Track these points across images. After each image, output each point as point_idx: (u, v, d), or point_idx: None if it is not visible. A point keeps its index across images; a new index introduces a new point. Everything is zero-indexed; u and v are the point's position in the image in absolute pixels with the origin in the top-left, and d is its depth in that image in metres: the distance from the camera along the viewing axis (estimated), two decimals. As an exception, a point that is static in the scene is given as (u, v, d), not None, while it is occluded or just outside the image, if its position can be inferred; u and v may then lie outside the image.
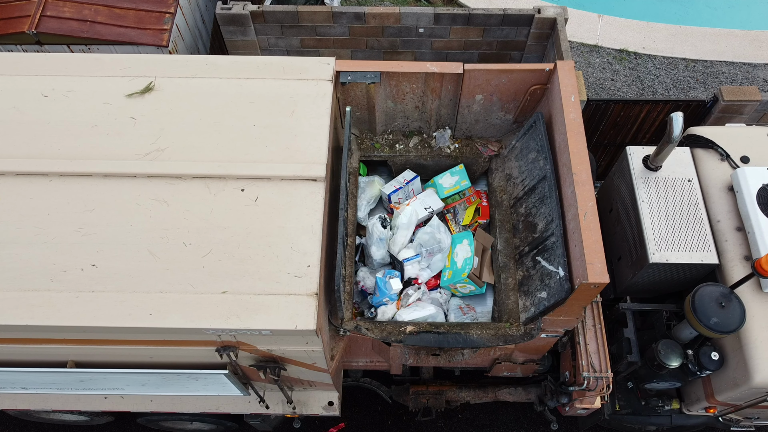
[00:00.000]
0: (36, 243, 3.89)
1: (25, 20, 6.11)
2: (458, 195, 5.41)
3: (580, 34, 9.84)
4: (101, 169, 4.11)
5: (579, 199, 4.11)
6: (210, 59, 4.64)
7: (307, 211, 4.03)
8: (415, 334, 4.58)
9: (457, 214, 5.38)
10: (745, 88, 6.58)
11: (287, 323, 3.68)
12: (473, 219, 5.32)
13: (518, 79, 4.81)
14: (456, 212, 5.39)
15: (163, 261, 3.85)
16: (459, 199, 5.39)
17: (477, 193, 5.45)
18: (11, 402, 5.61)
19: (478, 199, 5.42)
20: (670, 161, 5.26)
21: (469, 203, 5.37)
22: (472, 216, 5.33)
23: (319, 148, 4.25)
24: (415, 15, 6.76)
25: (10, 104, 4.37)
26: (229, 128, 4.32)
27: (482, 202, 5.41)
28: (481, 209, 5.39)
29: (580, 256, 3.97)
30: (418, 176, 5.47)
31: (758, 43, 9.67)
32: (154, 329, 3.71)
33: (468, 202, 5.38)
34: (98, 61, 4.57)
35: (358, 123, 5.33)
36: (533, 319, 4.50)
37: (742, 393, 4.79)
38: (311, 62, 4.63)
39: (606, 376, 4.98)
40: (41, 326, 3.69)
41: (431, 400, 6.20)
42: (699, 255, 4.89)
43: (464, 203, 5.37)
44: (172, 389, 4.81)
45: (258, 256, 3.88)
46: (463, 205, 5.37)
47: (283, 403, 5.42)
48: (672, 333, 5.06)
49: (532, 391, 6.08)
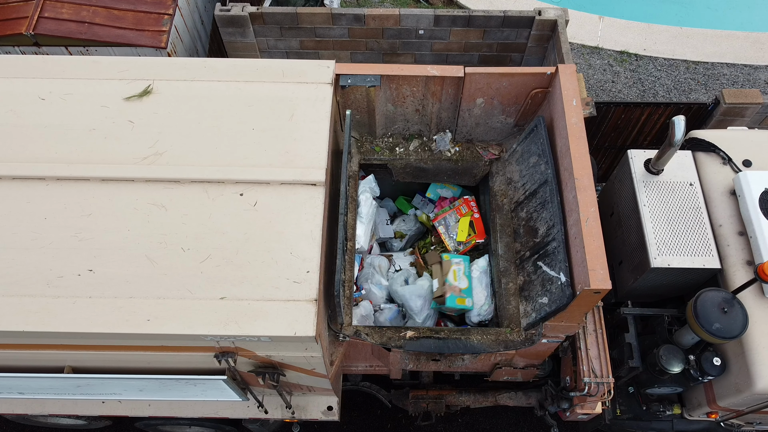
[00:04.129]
0: (32, 248, 3.85)
1: (22, 22, 6.08)
2: (448, 206, 5.36)
3: (581, 35, 9.82)
4: (99, 173, 4.08)
5: (581, 204, 4.08)
6: (209, 62, 4.60)
7: (306, 216, 3.99)
8: (415, 340, 4.55)
9: (449, 227, 5.32)
10: (746, 91, 6.55)
11: (286, 330, 3.65)
12: (468, 236, 5.26)
13: (519, 83, 4.78)
14: (448, 224, 5.33)
15: (161, 266, 3.81)
16: (449, 210, 5.34)
17: (466, 202, 5.40)
18: (9, 407, 5.57)
19: (470, 210, 5.35)
20: (671, 165, 5.22)
21: (460, 214, 5.30)
22: (467, 232, 5.26)
23: (319, 152, 4.21)
24: (415, 17, 6.73)
25: (7, 107, 4.33)
26: (228, 132, 4.29)
27: (474, 214, 5.35)
28: (474, 223, 5.33)
29: (581, 261, 3.94)
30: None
31: (759, 44, 9.65)
32: (151, 335, 3.67)
33: (458, 212, 5.31)
34: (96, 63, 4.54)
35: (358, 126, 5.29)
36: (534, 325, 4.46)
37: (744, 399, 4.76)
38: (311, 65, 4.59)
39: (607, 381, 4.95)
40: (38, 332, 3.65)
41: (431, 405, 6.17)
42: (701, 260, 4.85)
43: (454, 213, 5.31)
44: (171, 394, 4.78)
45: (257, 262, 3.84)
46: (454, 216, 5.31)
47: (282, 408, 5.39)
48: (674, 338, 5.03)
49: (533, 396, 6.04)
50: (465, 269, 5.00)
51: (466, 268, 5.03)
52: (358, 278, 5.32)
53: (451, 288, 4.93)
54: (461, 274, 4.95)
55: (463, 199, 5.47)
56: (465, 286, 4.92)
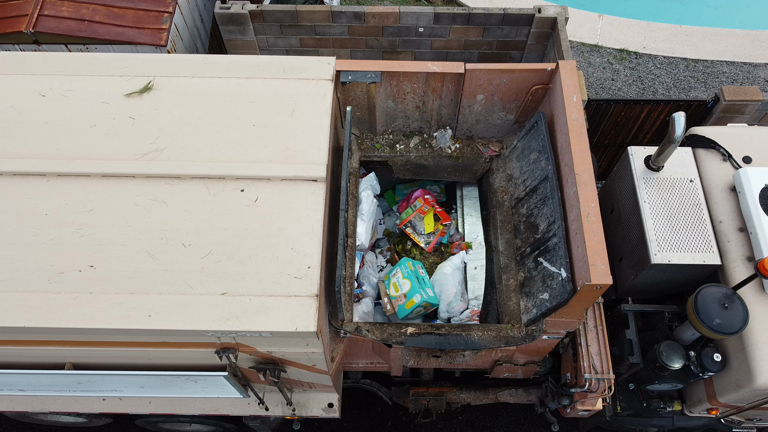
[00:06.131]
0: (34, 244, 3.85)
1: (22, 19, 6.07)
2: (410, 208, 5.50)
3: (581, 33, 9.82)
4: (99, 169, 4.08)
5: (581, 200, 4.08)
6: (209, 58, 4.61)
7: (307, 212, 4.00)
8: (415, 336, 4.55)
9: (416, 226, 5.41)
10: (746, 88, 6.55)
11: (287, 325, 3.65)
12: (435, 226, 5.37)
13: (520, 79, 4.78)
14: (414, 225, 5.45)
15: (162, 262, 3.82)
16: (412, 213, 5.46)
17: (427, 201, 5.55)
18: (9, 404, 5.57)
19: (431, 207, 5.50)
20: (671, 162, 5.23)
21: (423, 213, 5.44)
22: (432, 223, 5.39)
23: (320, 149, 4.22)
24: (415, 14, 6.73)
25: (8, 104, 4.34)
26: (229, 128, 4.29)
27: (436, 208, 5.53)
28: (438, 214, 5.49)
29: (582, 257, 3.94)
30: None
31: (759, 42, 9.65)
32: (152, 331, 3.67)
33: (421, 212, 5.45)
34: (96, 60, 4.54)
35: (359, 123, 5.29)
36: (535, 321, 4.47)
37: (744, 395, 4.77)
38: (311, 62, 4.59)
39: (607, 377, 4.96)
40: (39, 328, 3.65)
41: (431, 402, 6.17)
42: (701, 256, 4.86)
43: (418, 215, 5.41)
44: (171, 391, 4.78)
45: (258, 258, 3.84)
46: (418, 216, 5.40)
47: (283, 405, 5.39)
48: (674, 334, 5.03)
49: (533, 393, 6.05)
50: (403, 273, 5.02)
51: (404, 271, 5.04)
52: (359, 275, 5.32)
53: (396, 301, 4.96)
54: (400, 280, 5.00)
55: (423, 199, 5.59)
56: (408, 288, 4.95)
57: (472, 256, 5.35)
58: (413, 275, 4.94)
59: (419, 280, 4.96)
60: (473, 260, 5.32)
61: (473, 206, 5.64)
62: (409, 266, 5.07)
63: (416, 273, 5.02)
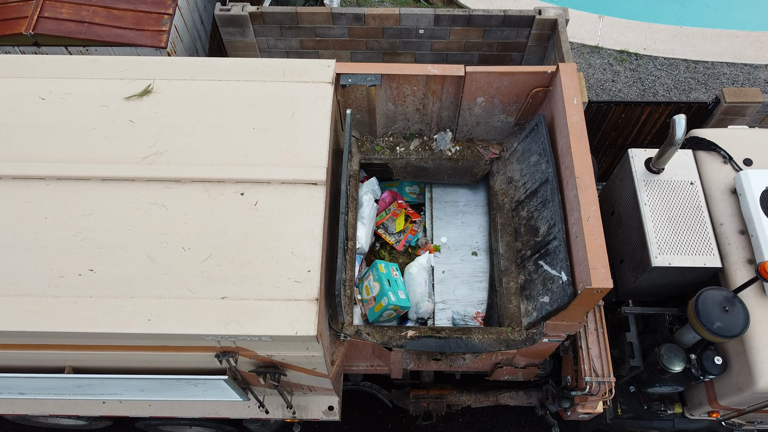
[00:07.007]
0: (33, 248, 3.84)
1: (22, 21, 6.07)
2: (384, 212, 5.56)
3: (581, 35, 9.81)
4: (99, 172, 4.07)
5: (582, 202, 4.08)
6: (209, 61, 4.60)
7: (307, 215, 3.99)
8: (416, 339, 4.54)
9: (388, 227, 5.50)
10: (746, 90, 6.55)
11: (287, 329, 3.64)
12: (405, 224, 5.46)
13: (520, 82, 4.77)
14: (387, 226, 5.52)
15: (162, 266, 3.81)
16: (386, 216, 5.53)
17: (400, 206, 5.61)
18: (9, 407, 5.56)
19: (403, 209, 5.56)
20: (672, 164, 5.22)
21: (396, 215, 5.52)
22: (403, 222, 5.47)
23: (320, 152, 4.21)
24: (415, 16, 6.72)
25: (7, 107, 4.33)
26: (229, 131, 4.28)
27: (408, 210, 5.60)
28: (409, 214, 5.57)
29: (583, 260, 3.94)
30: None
31: (759, 44, 9.65)
32: (152, 335, 3.67)
33: (394, 215, 5.53)
34: (96, 63, 4.53)
35: (359, 125, 5.29)
36: (535, 324, 4.46)
37: (745, 397, 4.76)
38: (311, 64, 4.59)
39: (608, 380, 4.95)
40: (39, 332, 3.64)
41: (432, 404, 6.16)
42: (702, 258, 4.85)
43: (391, 218, 5.51)
44: (171, 394, 4.77)
45: (258, 261, 3.83)
46: (391, 219, 5.52)
47: (283, 408, 5.38)
48: (675, 337, 5.02)
49: (534, 395, 6.04)
50: (374, 276, 5.02)
51: (374, 273, 5.04)
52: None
53: (367, 304, 4.96)
54: (371, 282, 5.00)
55: (396, 203, 5.63)
56: (377, 290, 4.94)
57: (441, 259, 5.36)
58: (384, 278, 4.91)
59: (390, 282, 4.92)
60: (441, 263, 5.32)
61: (443, 210, 5.67)
62: (380, 269, 5.02)
63: (388, 275, 4.96)
